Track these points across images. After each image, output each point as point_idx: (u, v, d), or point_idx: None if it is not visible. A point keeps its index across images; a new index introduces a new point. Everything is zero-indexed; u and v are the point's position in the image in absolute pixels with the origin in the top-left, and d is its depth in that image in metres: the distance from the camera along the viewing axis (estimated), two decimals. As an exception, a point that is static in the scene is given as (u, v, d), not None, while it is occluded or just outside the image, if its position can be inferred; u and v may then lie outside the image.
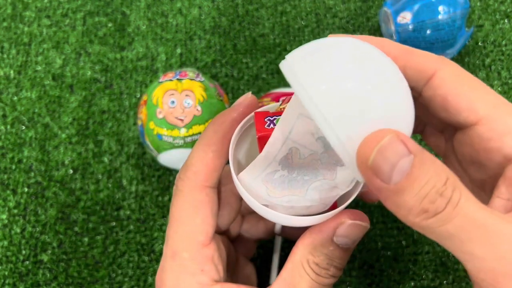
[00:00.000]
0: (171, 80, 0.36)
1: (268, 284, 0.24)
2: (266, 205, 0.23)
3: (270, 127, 0.23)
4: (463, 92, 0.21)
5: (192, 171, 0.24)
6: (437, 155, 0.23)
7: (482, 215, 0.17)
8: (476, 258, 0.18)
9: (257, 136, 0.23)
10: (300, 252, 0.23)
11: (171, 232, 0.24)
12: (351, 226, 0.23)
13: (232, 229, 0.30)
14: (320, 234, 0.23)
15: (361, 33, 0.44)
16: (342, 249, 0.23)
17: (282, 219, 0.23)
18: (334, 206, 0.24)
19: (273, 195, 0.23)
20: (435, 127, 0.26)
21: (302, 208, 0.23)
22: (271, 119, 0.23)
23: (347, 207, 0.23)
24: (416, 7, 0.37)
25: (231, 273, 0.28)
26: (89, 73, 0.44)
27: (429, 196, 0.17)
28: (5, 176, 0.40)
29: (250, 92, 0.26)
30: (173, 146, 0.35)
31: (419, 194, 0.17)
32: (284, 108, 0.23)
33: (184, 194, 0.24)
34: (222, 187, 0.27)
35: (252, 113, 0.25)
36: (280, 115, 0.22)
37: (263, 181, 0.23)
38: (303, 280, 0.23)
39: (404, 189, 0.17)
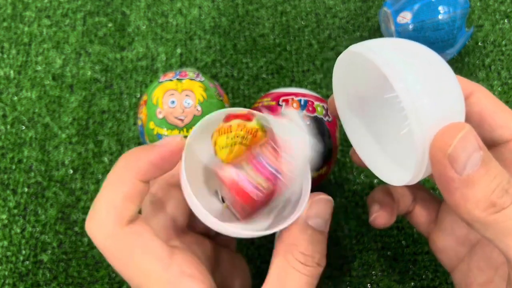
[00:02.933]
0: (171, 80, 0.36)
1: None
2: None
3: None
4: (498, 111, 0.23)
5: (101, 218, 0.22)
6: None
7: None
8: None
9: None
10: (283, 247, 0.23)
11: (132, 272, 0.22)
12: (319, 203, 0.23)
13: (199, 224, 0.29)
14: (295, 223, 0.23)
15: (361, 33, 0.44)
16: (318, 231, 0.23)
17: (260, 233, 0.23)
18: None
19: (245, 222, 0.23)
20: None
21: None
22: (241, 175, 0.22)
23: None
24: (416, 7, 0.37)
25: (214, 270, 0.28)
26: (89, 73, 0.44)
27: (497, 191, 0.18)
28: (5, 176, 0.40)
29: (181, 136, 0.24)
30: (173, 146, 0.35)
31: (488, 187, 0.18)
32: (239, 131, 0.23)
33: (112, 245, 0.22)
34: (168, 186, 0.26)
35: (213, 115, 0.24)
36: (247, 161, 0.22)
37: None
38: (292, 275, 0.22)
39: (474, 181, 0.18)
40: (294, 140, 0.22)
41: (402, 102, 0.19)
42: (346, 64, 0.24)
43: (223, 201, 0.26)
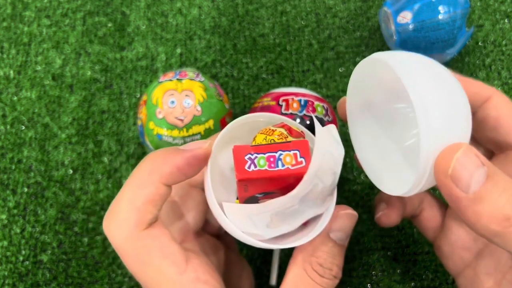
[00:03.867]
0: (171, 80, 0.36)
1: (268, 284, 0.24)
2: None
3: (251, 169, 0.21)
4: None
5: (121, 219, 0.22)
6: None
7: None
8: None
9: (236, 179, 0.21)
10: (302, 257, 0.23)
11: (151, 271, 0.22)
12: (344, 217, 0.24)
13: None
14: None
15: (361, 33, 0.44)
16: (338, 245, 0.24)
17: (278, 246, 0.23)
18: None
19: (273, 226, 0.23)
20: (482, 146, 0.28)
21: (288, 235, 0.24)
22: (252, 157, 0.21)
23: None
24: (416, 6, 0.37)
25: (225, 273, 0.28)
26: (89, 73, 0.44)
27: (508, 203, 0.18)
28: (5, 176, 0.40)
29: (208, 141, 0.23)
30: (173, 146, 0.35)
31: (498, 201, 0.18)
32: (276, 137, 0.22)
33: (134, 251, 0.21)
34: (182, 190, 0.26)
35: (237, 121, 0.24)
36: (265, 152, 0.21)
37: (270, 214, 0.22)
38: (308, 286, 0.23)
39: (483, 197, 0.18)
40: (328, 156, 0.21)
41: (416, 117, 0.19)
42: (365, 70, 0.25)
43: (237, 198, 0.26)
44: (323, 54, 0.43)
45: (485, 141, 0.27)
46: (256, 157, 0.21)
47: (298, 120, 0.33)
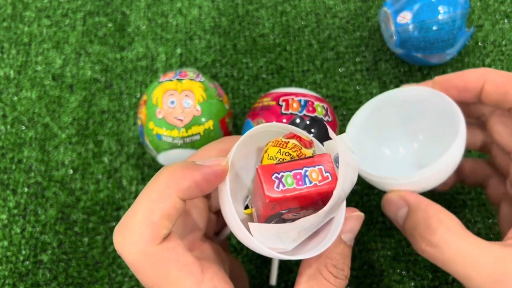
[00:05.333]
0: (171, 80, 0.36)
1: (268, 284, 0.24)
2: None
3: (280, 188, 0.20)
4: None
5: (136, 234, 0.21)
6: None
7: (460, 244, 0.24)
8: (466, 279, 0.23)
9: (266, 201, 0.21)
10: (315, 259, 0.24)
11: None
12: (353, 219, 0.25)
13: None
14: None
15: (361, 33, 0.44)
16: (348, 246, 0.24)
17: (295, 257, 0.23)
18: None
19: (298, 240, 0.23)
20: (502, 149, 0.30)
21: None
22: (279, 176, 0.21)
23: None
24: (416, 7, 0.37)
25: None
26: (89, 73, 0.44)
27: (421, 228, 0.25)
28: (5, 176, 0.40)
29: (226, 160, 0.23)
30: (172, 146, 0.35)
31: (416, 228, 0.25)
32: (291, 150, 0.22)
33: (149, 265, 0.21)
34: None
35: (253, 130, 0.23)
36: (290, 169, 0.21)
37: (298, 231, 0.22)
38: (323, 287, 0.23)
39: (406, 227, 0.26)
40: (349, 168, 0.21)
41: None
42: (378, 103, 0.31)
43: (245, 207, 0.26)
44: (323, 54, 0.43)
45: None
46: (282, 175, 0.21)
47: (298, 120, 0.33)
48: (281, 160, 0.22)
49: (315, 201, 0.22)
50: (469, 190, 0.38)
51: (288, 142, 0.22)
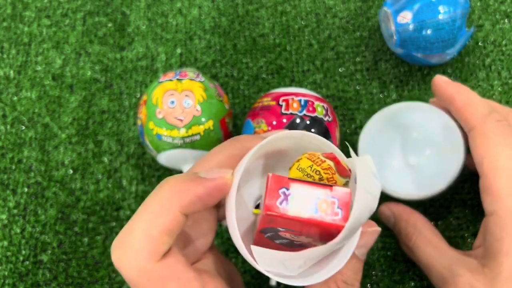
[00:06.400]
0: (171, 80, 0.36)
1: (268, 284, 0.24)
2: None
3: (282, 205, 0.19)
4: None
5: (135, 250, 0.20)
6: None
7: (426, 248, 0.32)
8: (428, 275, 0.31)
9: (264, 212, 0.19)
10: None
11: None
12: (369, 234, 0.24)
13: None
14: None
15: (361, 33, 0.44)
16: (360, 260, 0.24)
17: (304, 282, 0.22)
18: None
19: (305, 268, 0.22)
20: None
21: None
22: (286, 193, 0.19)
23: None
24: (416, 6, 0.37)
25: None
26: (89, 73, 0.44)
27: (402, 235, 0.33)
28: (5, 176, 0.40)
29: (231, 171, 0.21)
30: (172, 146, 0.35)
31: (399, 234, 0.33)
32: (323, 170, 0.21)
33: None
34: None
35: (262, 143, 0.21)
36: (303, 184, 0.19)
37: (304, 259, 0.21)
38: None
39: (395, 232, 0.34)
40: (368, 196, 0.20)
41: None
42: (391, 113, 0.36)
43: (257, 206, 0.24)
44: (323, 54, 0.43)
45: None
46: (290, 193, 0.19)
47: (298, 120, 0.33)
48: (308, 176, 0.21)
49: (317, 230, 0.20)
50: (469, 190, 0.38)
51: (325, 161, 0.21)
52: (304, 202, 0.19)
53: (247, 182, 0.24)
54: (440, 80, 0.32)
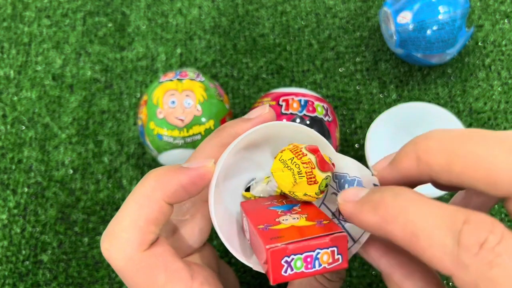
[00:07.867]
0: (171, 80, 0.36)
1: (268, 285, 0.24)
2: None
3: (287, 273, 0.19)
4: None
5: (123, 240, 0.20)
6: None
7: None
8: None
9: (271, 283, 0.20)
10: None
11: None
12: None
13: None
14: None
15: (361, 33, 0.44)
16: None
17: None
18: None
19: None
20: None
21: None
22: (289, 260, 0.20)
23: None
24: (416, 6, 0.37)
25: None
26: (89, 73, 0.44)
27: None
28: (5, 176, 0.40)
29: (213, 160, 0.22)
30: (173, 146, 0.35)
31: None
32: (303, 165, 0.21)
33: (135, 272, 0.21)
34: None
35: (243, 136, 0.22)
36: (302, 252, 0.20)
37: None
38: None
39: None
40: None
41: None
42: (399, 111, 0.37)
43: (247, 189, 0.25)
44: (323, 54, 0.43)
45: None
46: (293, 259, 0.20)
47: (298, 120, 0.33)
48: (288, 168, 0.21)
49: None
50: (469, 190, 0.38)
51: (306, 155, 0.21)
52: (307, 261, 0.20)
53: (235, 174, 0.25)
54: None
